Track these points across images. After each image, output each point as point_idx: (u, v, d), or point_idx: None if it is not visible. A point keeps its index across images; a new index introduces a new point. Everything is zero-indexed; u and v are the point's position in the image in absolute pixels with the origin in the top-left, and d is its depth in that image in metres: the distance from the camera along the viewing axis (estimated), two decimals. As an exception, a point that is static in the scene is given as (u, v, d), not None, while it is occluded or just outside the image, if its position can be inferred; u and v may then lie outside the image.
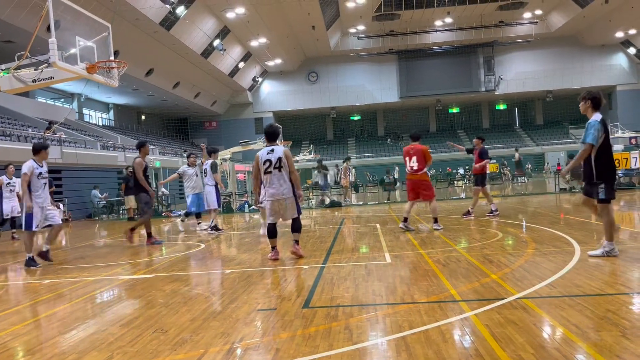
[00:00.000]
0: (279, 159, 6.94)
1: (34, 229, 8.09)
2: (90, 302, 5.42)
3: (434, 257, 6.62)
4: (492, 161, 39.62)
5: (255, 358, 3.38)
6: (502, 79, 50.92)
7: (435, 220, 9.65)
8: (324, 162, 21.75)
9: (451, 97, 52.87)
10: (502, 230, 8.98)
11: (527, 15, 45.57)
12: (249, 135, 42.63)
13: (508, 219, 10.92)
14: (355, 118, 57.03)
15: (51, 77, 8.87)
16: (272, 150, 7.02)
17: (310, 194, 23.69)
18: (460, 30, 47.56)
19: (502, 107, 56.29)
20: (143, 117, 47.23)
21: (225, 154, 24.00)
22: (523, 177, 32.05)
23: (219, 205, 12.41)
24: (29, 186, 7.98)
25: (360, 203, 20.11)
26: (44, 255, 8.30)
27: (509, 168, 39.01)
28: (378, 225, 11.13)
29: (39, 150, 8.25)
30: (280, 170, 6.95)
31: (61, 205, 19.34)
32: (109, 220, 19.81)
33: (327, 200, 19.82)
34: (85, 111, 38.11)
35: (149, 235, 10.16)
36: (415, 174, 9.67)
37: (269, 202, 7.13)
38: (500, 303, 4.22)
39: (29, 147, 20.00)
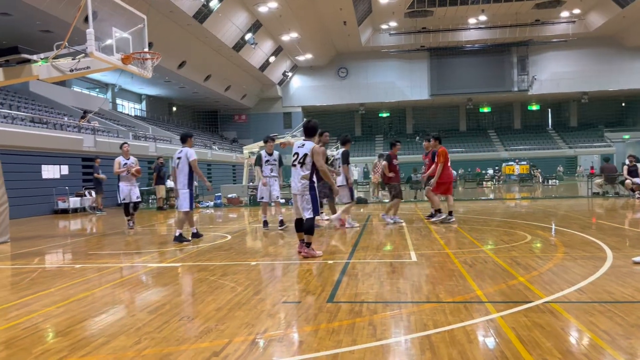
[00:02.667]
0: (305, 155, 6.98)
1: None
2: (120, 288, 5.54)
3: (461, 257, 6.56)
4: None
5: (279, 350, 3.40)
6: (535, 79, 49.91)
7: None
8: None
9: (483, 96, 52.08)
10: (531, 233, 8.83)
11: (564, 14, 44.50)
12: (277, 130, 42.85)
13: (538, 222, 10.73)
14: (384, 115, 56.69)
15: (88, 67, 9.07)
16: (303, 145, 7.07)
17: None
18: (494, 29, 46.72)
19: (534, 107, 55.17)
20: (174, 108, 47.91)
21: (253, 147, 24.19)
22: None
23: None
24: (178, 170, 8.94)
25: (387, 200, 20.00)
26: (180, 237, 9.07)
27: (539, 170, 38.32)
28: (404, 224, 11.06)
29: (187, 138, 9.20)
30: (301, 167, 6.99)
31: (93, 193, 19.79)
32: (139, 209, 20.15)
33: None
34: (118, 101, 38.85)
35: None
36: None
37: (292, 196, 7.23)
38: (528, 306, 4.16)
39: (64, 134, 20.69)
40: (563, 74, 49.12)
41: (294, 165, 7.09)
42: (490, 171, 41.79)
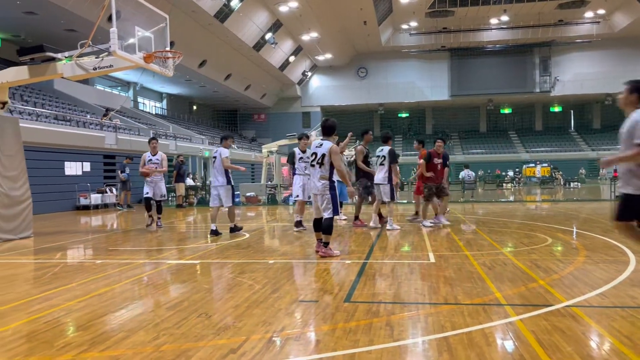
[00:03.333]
0: (323, 155, 6.99)
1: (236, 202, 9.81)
2: (139, 284, 5.61)
3: (480, 259, 6.50)
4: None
5: (296, 348, 3.41)
6: (558, 80, 49.10)
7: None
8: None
9: (504, 97, 51.40)
10: (552, 236, 8.71)
11: (588, 14, 43.72)
12: (296, 129, 42.93)
13: (559, 225, 10.57)
14: (403, 115, 56.34)
15: (111, 66, 9.19)
16: (321, 145, 7.09)
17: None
18: (517, 29, 46.06)
19: (557, 109, 54.28)
20: (195, 107, 48.30)
21: (272, 146, 24.28)
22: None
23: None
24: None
25: (405, 201, 19.90)
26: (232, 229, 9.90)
27: (561, 172, 37.79)
28: (422, 225, 10.98)
29: (224, 138, 10.05)
30: (320, 166, 7.01)
31: (114, 190, 20.06)
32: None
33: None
34: (140, 100, 39.29)
35: (356, 217, 10.92)
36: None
37: (312, 195, 7.27)
38: (548, 310, 4.11)
39: (87, 132, 20.98)
40: (586, 75, 48.21)
41: (313, 165, 7.12)
42: (511, 173, 41.33)
